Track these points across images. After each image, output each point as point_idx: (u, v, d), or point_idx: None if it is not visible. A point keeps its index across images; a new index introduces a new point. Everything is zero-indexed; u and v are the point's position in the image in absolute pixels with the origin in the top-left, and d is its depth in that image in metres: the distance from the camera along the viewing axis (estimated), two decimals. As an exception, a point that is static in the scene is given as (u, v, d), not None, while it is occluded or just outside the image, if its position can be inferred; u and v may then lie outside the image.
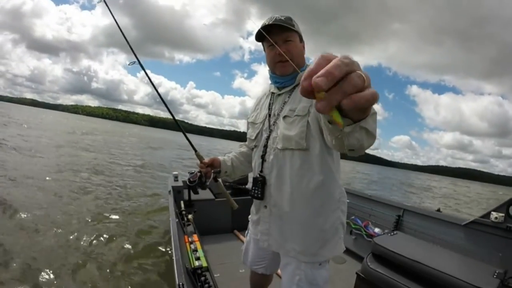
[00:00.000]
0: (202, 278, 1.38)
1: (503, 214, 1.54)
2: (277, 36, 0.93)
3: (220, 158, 1.20)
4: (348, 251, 2.41)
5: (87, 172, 6.55)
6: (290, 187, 0.96)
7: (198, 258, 1.55)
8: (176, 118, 1.43)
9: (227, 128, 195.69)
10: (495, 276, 1.21)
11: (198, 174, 1.17)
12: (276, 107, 1.03)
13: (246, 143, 1.23)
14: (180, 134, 1.43)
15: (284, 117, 0.97)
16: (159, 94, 1.42)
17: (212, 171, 1.17)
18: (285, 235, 1.01)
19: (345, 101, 0.29)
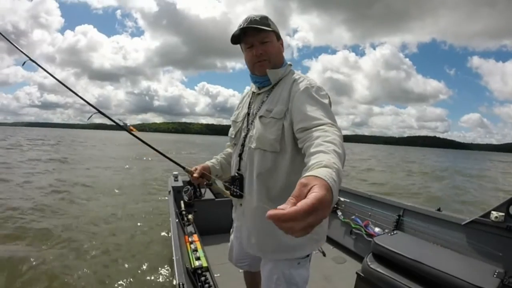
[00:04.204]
0: (202, 278, 1.38)
1: (503, 214, 1.54)
2: (253, 38, 0.94)
3: (209, 163, 1.21)
4: (348, 251, 2.41)
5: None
6: (260, 186, 0.96)
7: (198, 258, 1.55)
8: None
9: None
10: (495, 276, 1.21)
11: (192, 190, 1.15)
12: (255, 106, 1.04)
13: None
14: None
15: (260, 117, 0.97)
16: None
17: (205, 183, 1.18)
18: (257, 234, 1.01)
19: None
